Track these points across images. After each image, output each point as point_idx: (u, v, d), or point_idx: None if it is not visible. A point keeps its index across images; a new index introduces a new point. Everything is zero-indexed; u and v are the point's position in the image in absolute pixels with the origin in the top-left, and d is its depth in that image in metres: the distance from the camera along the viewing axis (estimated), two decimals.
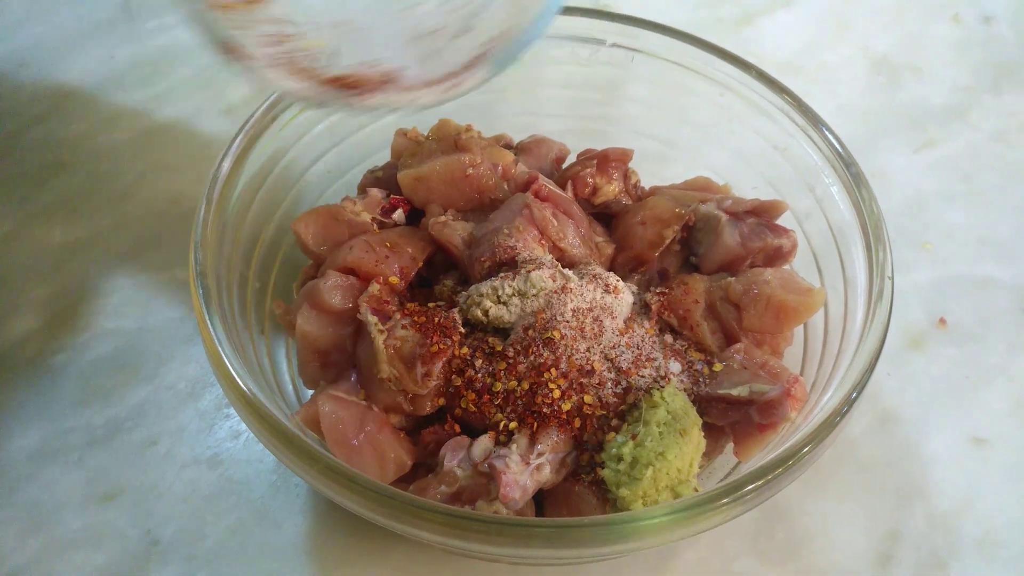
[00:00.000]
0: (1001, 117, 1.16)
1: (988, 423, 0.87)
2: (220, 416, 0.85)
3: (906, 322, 0.94)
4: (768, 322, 0.74)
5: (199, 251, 0.69)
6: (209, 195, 0.72)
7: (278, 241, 0.84)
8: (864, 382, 0.65)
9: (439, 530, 0.56)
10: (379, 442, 0.68)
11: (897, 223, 1.00)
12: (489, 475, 0.65)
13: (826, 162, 0.80)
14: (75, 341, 0.90)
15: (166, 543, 0.77)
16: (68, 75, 1.17)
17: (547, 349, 0.70)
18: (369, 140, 0.91)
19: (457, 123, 0.87)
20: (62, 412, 0.85)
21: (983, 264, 1.00)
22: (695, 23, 1.27)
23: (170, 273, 0.96)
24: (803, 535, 0.79)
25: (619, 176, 0.86)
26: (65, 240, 0.99)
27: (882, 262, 0.71)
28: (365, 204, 0.81)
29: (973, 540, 0.80)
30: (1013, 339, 0.93)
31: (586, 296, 0.73)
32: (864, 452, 0.85)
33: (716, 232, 0.80)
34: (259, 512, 0.79)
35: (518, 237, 0.75)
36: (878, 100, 1.19)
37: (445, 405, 0.71)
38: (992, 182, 1.08)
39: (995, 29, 1.28)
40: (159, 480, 0.81)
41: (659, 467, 0.64)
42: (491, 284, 0.72)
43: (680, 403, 0.68)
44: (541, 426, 0.68)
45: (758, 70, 0.84)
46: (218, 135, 1.11)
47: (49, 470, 0.81)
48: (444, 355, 0.70)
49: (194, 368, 0.88)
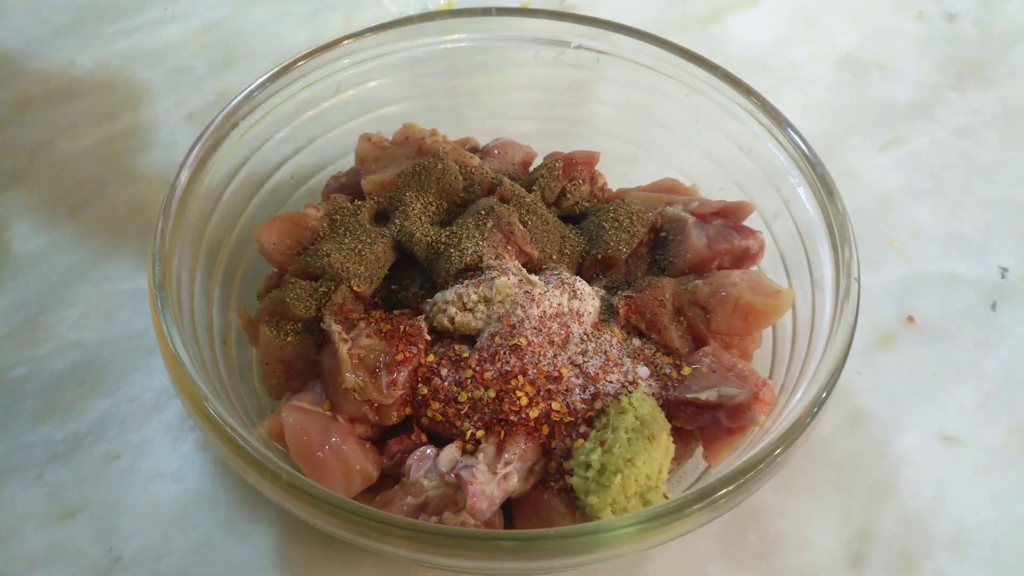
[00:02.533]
0: (966, 114, 1.17)
1: (958, 421, 0.87)
2: (185, 428, 0.84)
3: (875, 320, 0.94)
4: (736, 324, 0.74)
5: (157, 263, 0.68)
6: (167, 207, 0.71)
7: (241, 249, 0.83)
8: (832, 383, 0.65)
9: (404, 545, 0.56)
10: (344, 454, 0.67)
11: (864, 221, 1.00)
12: (456, 485, 0.64)
13: (792, 163, 0.79)
14: (35, 354, 0.88)
15: (129, 560, 0.76)
16: (27, 81, 1.15)
17: (514, 356, 0.69)
18: (333, 145, 0.90)
19: (422, 127, 0.87)
20: (21, 427, 0.83)
21: (950, 261, 1.00)
22: (662, 22, 1.27)
23: (133, 283, 0.95)
24: (775, 536, 0.79)
25: (586, 179, 0.85)
26: (24, 250, 0.97)
27: (848, 262, 0.71)
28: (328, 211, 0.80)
29: (944, 539, 0.80)
30: (981, 336, 0.94)
31: (552, 301, 0.72)
32: (835, 451, 0.84)
33: (683, 234, 0.79)
34: (225, 526, 0.78)
35: (484, 242, 0.75)
36: (845, 98, 1.19)
37: (411, 414, 0.70)
38: (958, 179, 1.09)
39: (959, 26, 1.29)
40: (122, 495, 0.79)
41: (628, 474, 0.64)
42: (456, 291, 0.72)
43: (648, 408, 0.67)
44: (508, 434, 0.67)
45: (724, 71, 0.84)
46: (181, 141, 1.09)
47: (8, 486, 0.79)
48: (410, 364, 0.69)
49: (158, 380, 0.87)
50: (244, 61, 1.19)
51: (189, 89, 1.15)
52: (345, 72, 0.87)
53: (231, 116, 0.78)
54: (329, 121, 0.89)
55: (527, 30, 0.89)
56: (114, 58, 1.19)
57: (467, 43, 0.91)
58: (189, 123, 1.11)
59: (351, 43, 0.86)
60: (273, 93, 0.82)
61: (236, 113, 0.79)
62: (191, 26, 1.24)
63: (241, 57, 1.20)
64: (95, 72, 1.17)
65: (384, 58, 0.89)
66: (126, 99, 1.14)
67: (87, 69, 1.17)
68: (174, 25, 1.24)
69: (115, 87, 1.15)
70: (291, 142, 0.87)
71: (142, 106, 1.13)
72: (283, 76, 0.82)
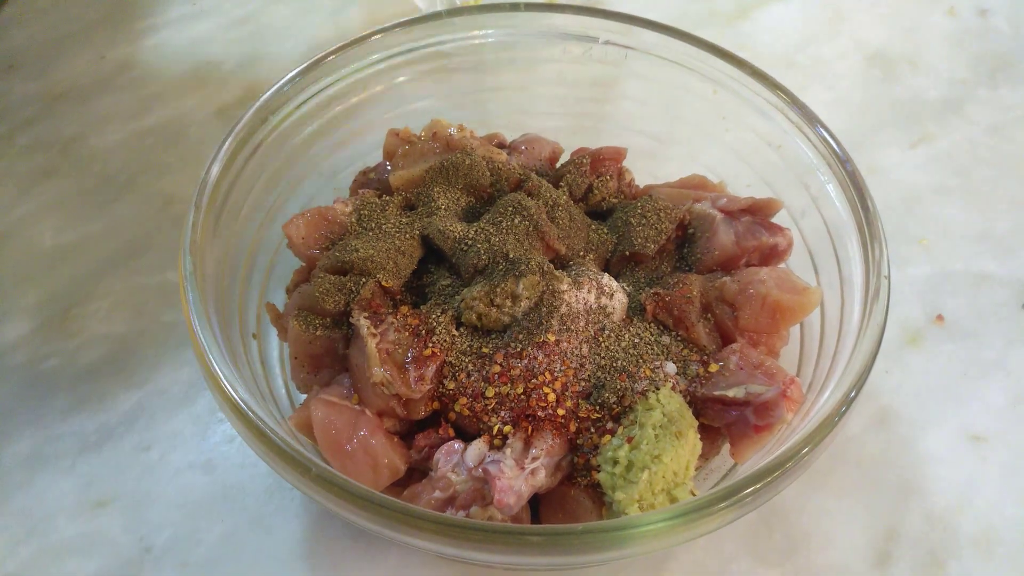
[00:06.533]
0: (997, 111, 1.15)
1: (986, 420, 0.87)
2: (214, 420, 0.84)
3: (904, 318, 0.93)
4: (764, 322, 0.74)
5: (188, 257, 0.68)
6: (198, 200, 0.71)
7: (269, 243, 0.83)
8: (861, 383, 0.65)
9: (432, 538, 0.56)
10: (372, 447, 0.67)
11: (893, 219, 1.00)
12: (484, 480, 0.65)
13: (821, 159, 0.79)
14: (66, 346, 0.90)
15: (159, 550, 0.77)
16: (58, 77, 1.17)
17: (541, 352, 0.69)
18: (361, 140, 0.90)
19: (449, 122, 0.87)
20: (53, 418, 0.84)
21: (980, 259, 0.99)
22: (689, 17, 1.26)
23: (163, 276, 0.96)
24: (801, 534, 0.79)
25: (613, 175, 0.85)
26: (56, 244, 0.98)
27: (878, 261, 0.70)
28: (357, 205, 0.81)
29: (971, 538, 0.79)
30: (1010, 334, 0.93)
31: (580, 297, 0.72)
32: (862, 450, 0.84)
33: (711, 231, 0.79)
34: (253, 518, 0.79)
35: (511, 238, 0.75)
36: (873, 94, 1.18)
37: (439, 409, 0.70)
38: (988, 177, 1.08)
39: (991, 22, 1.27)
40: (152, 486, 0.80)
41: (655, 470, 0.64)
42: (484, 287, 0.72)
43: (676, 405, 0.67)
44: (536, 430, 0.67)
45: (752, 67, 0.83)
46: (210, 136, 1.10)
47: (41, 477, 0.81)
48: (438, 359, 0.69)
49: (187, 372, 0.88)
50: (271, 56, 1.20)
51: (217, 84, 1.16)
52: (374, 67, 0.88)
53: (261, 111, 0.79)
54: (358, 116, 0.89)
55: (555, 26, 0.89)
56: (143, 53, 1.20)
57: (495, 38, 0.91)
58: (218, 118, 1.12)
59: (380, 38, 0.86)
60: (303, 88, 0.83)
61: (266, 107, 0.79)
62: (219, 22, 1.25)
63: (268, 52, 1.21)
64: (125, 68, 1.18)
65: (412, 53, 0.89)
66: (155, 94, 1.15)
67: (117, 65, 1.18)
68: (202, 21, 1.25)
69: (145, 82, 1.16)
70: (320, 136, 0.87)
71: (171, 101, 1.14)
72: (313, 71, 0.83)
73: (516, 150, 0.88)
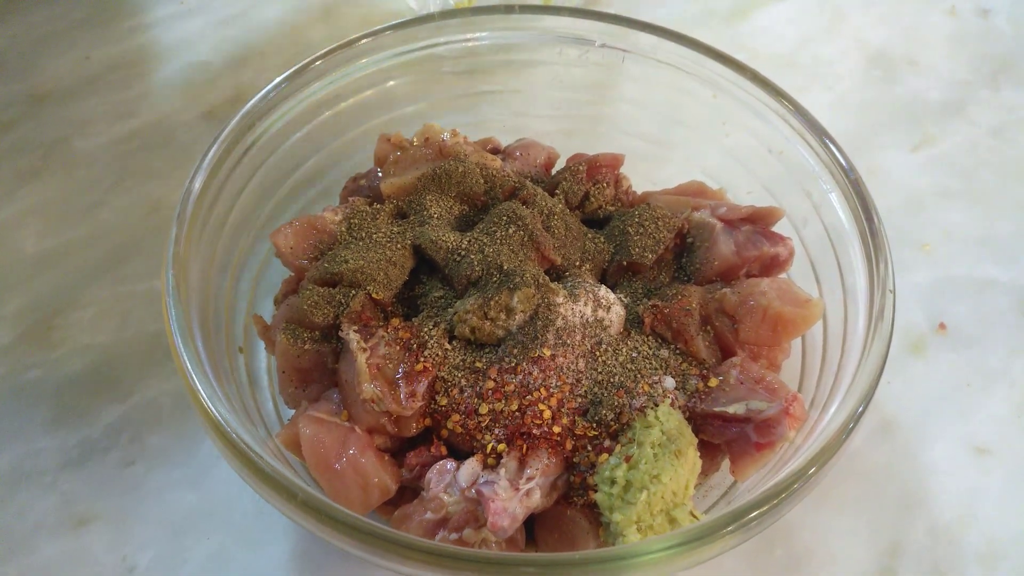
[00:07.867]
0: (999, 112, 1.13)
1: (989, 431, 0.85)
2: (200, 435, 0.82)
3: (906, 326, 0.92)
4: (765, 334, 0.72)
5: (171, 270, 0.66)
6: (181, 213, 0.69)
7: (257, 253, 0.81)
8: (867, 401, 0.63)
9: (423, 567, 0.54)
10: (362, 466, 0.65)
11: (894, 223, 0.97)
12: (477, 501, 0.63)
13: (824, 167, 0.77)
14: (49, 356, 0.87)
15: (143, 569, 0.75)
16: (42, 78, 1.14)
17: (536, 367, 0.67)
18: (351, 146, 0.88)
19: (442, 127, 0.85)
20: (35, 431, 0.82)
21: (983, 265, 0.98)
22: (687, 17, 1.24)
23: (149, 284, 0.94)
24: (803, 550, 0.77)
25: (610, 182, 0.83)
26: (39, 250, 0.96)
27: (883, 277, 0.68)
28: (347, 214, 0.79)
29: (975, 552, 0.78)
30: (1014, 343, 0.91)
31: (576, 310, 0.70)
32: (864, 462, 0.82)
33: (710, 240, 0.77)
34: (241, 535, 0.77)
35: (505, 248, 0.73)
36: (874, 95, 1.16)
37: (431, 426, 0.68)
38: (991, 180, 1.06)
39: (992, 22, 1.25)
40: (136, 503, 0.78)
41: (654, 491, 0.62)
42: (478, 299, 0.70)
43: (675, 423, 0.66)
44: (531, 448, 0.65)
45: (752, 71, 0.81)
46: (199, 138, 1.08)
47: (22, 494, 0.78)
48: (430, 374, 0.67)
49: (174, 384, 0.86)
50: (261, 57, 1.18)
51: (205, 85, 1.14)
52: (364, 71, 0.86)
53: (247, 117, 0.77)
54: (347, 121, 0.87)
55: (550, 28, 0.87)
56: (130, 54, 1.18)
57: (489, 41, 0.89)
58: (206, 120, 1.09)
59: (369, 41, 0.84)
60: (290, 93, 0.81)
61: (252, 114, 0.77)
62: (207, 21, 1.23)
63: (258, 53, 1.18)
64: (110, 68, 1.16)
65: (404, 56, 0.87)
66: (142, 96, 1.12)
67: (102, 65, 1.16)
68: (190, 20, 1.23)
69: (131, 83, 1.14)
70: (308, 143, 0.85)
71: (158, 103, 1.12)
72: (300, 76, 0.81)
73: (511, 156, 0.86)
